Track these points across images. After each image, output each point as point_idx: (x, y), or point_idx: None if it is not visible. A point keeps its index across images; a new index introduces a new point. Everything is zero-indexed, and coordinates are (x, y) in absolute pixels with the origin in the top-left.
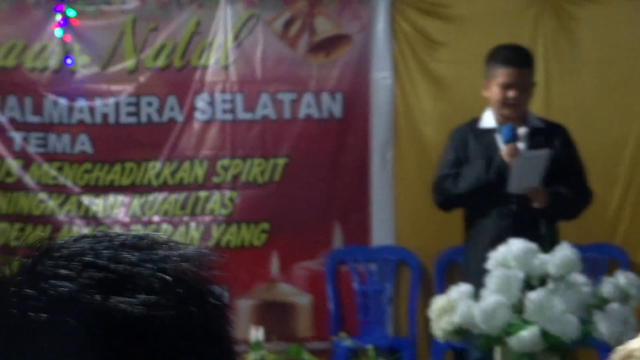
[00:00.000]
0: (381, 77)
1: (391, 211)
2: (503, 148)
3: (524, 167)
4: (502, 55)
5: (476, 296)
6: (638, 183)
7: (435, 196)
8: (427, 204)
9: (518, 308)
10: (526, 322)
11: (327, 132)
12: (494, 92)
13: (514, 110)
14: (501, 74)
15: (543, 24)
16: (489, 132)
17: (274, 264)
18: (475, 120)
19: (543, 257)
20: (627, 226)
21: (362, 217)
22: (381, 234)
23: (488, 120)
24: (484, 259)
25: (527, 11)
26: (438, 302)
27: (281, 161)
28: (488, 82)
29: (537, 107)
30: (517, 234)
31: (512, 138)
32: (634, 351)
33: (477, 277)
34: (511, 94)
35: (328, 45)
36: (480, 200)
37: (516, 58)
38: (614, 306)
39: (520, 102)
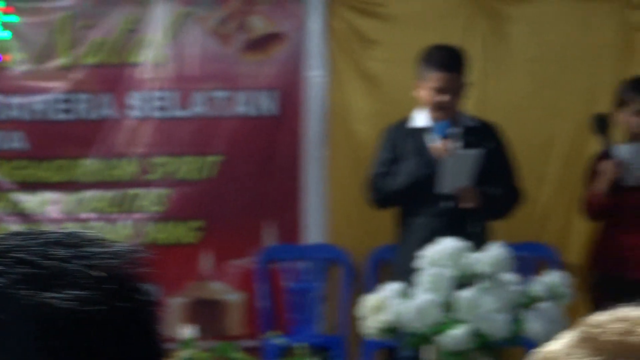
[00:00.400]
0: (315, 75)
1: (323, 209)
2: (435, 145)
3: (455, 166)
4: (435, 59)
5: (407, 294)
6: (570, 182)
7: (370, 194)
8: (359, 202)
9: (449, 306)
10: (456, 321)
11: (261, 129)
12: (425, 94)
13: (445, 113)
14: (433, 78)
15: (476, 23)
16: (422, 130)
17: (207, 262)
18: (408, 119)
19: (474, 256)
20: (557, 225)
21: (294, 215)
22: (313, 232)
23: (420, 118)
24: (415, 257)
25: (460, 11)
26: (369, 301)
27: (215, 159)
28: (420, 83)
29: (469, 106)
30: (449, 232)
31: (446, 135)
32: (550, 353)
33: (408, 276)
34: (443, 98)
35: (263, 43)
36: (414, 198)
37: (449, 62)
38: (544, 305)
39: (451, 105)
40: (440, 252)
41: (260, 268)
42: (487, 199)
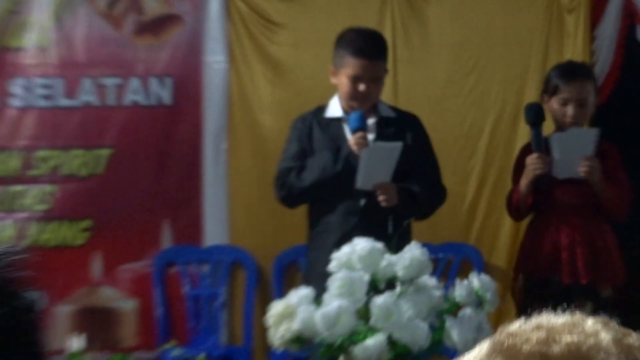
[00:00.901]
0: (215, 60)
1: (225, 207)
2: (351, 138)
3: (374, 160)
4: (353, 45)
5: (318, 301)
6: (493, 177)
7: (278, 191)
8: (264, 199)
9: (363, 314)
10: (372, 329)
11: (155, 120)
12: (342, 82)
13: (362, 104)
14: (351, 66)
15: (391, 4)
16: (336, 121)
17: (97, 266)
18: (321, 108)
19: (390, 258)
20: (480, 224)
21: (193, 214)
22: (214, 232)
23: (335, 108)
24: (328, 260)
25: None
26: (276, 308)
27: (105, 152)
28: (337, 69)
29: (384, 95)
30: (365, 233)
31: (361, 126)
32: None
33: (321, 280)
34: (361, 87)
35: (157, 25)
36: (327, 195)
37: (368, 49)
38: (467, 311)
39: (370, 96)
40: (354, 254)
41: (156, 272)
42: (408, 198)
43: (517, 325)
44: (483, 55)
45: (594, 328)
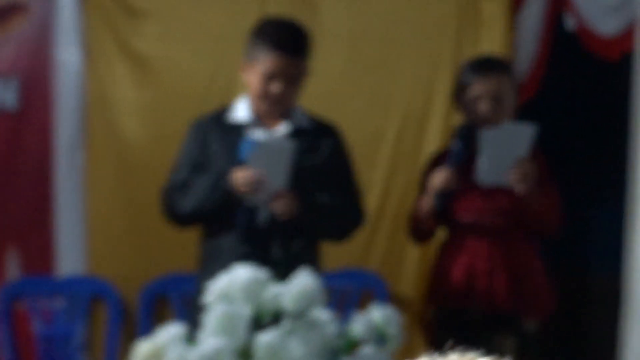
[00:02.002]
0: (68, 57)
1: (81, 230)
2: (236, 174)
3: (264, 161)
4: (271, 36)
5: (192, 339)
6: (397, 192)
7: (163, 210)
8: (128, 220)
9: (245, 353)
10: None
11: None
12: (253, 79)
13: (275, 107)
14: (266, 60)
15: None
16: (239, 128)
17: None
18: (225, 110)
19: (276, 288)
20: (383, 247)
21: (44, 240)
22: (69, 260)
23: (241, 111)
24: None
25: None
26: (143, 347)
27: None
28: (249, 63)
29: None
30: (263, 259)
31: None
32: None
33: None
34: (275, 86)
35: None
36: (212, 220)
37: (289, 43)
38: (367, 350)
39: (285, 98)
40: (233, 284)
41: (1, 308)
42: (312, 211)
43: None
44: (385, 49)
45: None
